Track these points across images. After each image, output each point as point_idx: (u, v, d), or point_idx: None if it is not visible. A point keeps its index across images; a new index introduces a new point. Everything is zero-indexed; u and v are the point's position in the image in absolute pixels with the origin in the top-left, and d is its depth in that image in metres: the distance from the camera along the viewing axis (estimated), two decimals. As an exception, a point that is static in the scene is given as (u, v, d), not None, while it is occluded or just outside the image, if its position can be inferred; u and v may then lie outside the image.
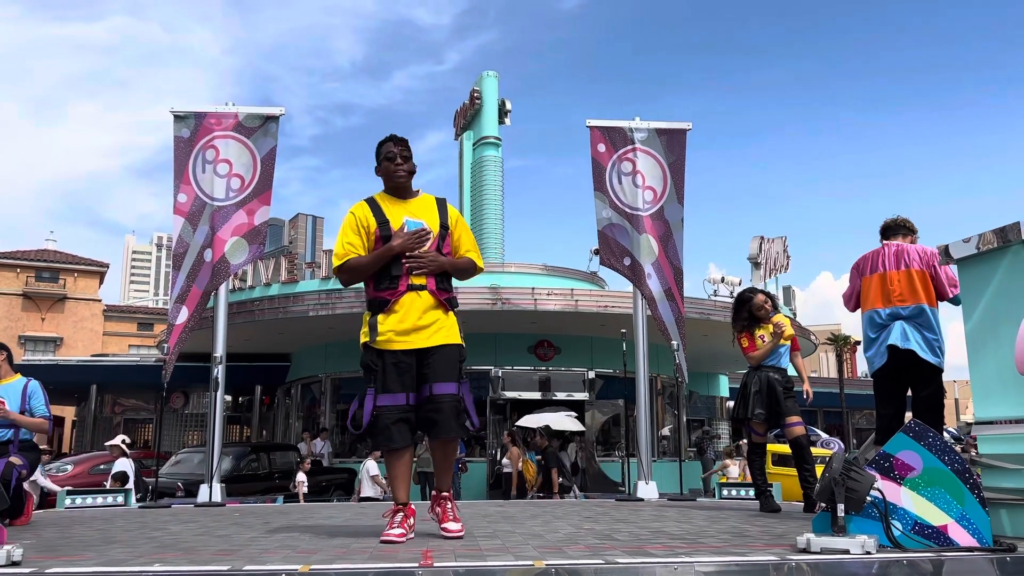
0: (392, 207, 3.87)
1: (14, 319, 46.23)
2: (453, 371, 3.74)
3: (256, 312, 17.24)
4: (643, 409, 8.26)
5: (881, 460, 3.26)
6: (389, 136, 3.97)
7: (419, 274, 3.76)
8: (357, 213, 3.87)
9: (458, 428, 3.72)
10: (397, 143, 3.92)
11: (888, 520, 3.13)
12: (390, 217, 3.82)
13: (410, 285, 3.75)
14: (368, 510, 6.30)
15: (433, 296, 3.78)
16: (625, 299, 14.14)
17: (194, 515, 5.84)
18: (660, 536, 3.92)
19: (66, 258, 49.25)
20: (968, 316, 3.63)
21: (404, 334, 3.72)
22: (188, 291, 7.61)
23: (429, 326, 3.75)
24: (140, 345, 48.61)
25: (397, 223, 3.80)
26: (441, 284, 3.83)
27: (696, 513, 5.57)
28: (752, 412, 5.89)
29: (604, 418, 19.43)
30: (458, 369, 3.78)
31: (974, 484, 3.15)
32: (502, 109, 24.96)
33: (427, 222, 3.84)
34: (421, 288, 3.76)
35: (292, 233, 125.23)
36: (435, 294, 3.78)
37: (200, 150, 7.87)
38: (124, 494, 7.46)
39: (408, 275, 3.75)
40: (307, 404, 21.02)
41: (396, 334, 3.72)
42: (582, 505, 7.03)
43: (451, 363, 3.75)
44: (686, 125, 8.65)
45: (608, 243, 8.23)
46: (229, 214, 7.73)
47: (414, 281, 3.75)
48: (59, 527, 4.83)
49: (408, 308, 3.74)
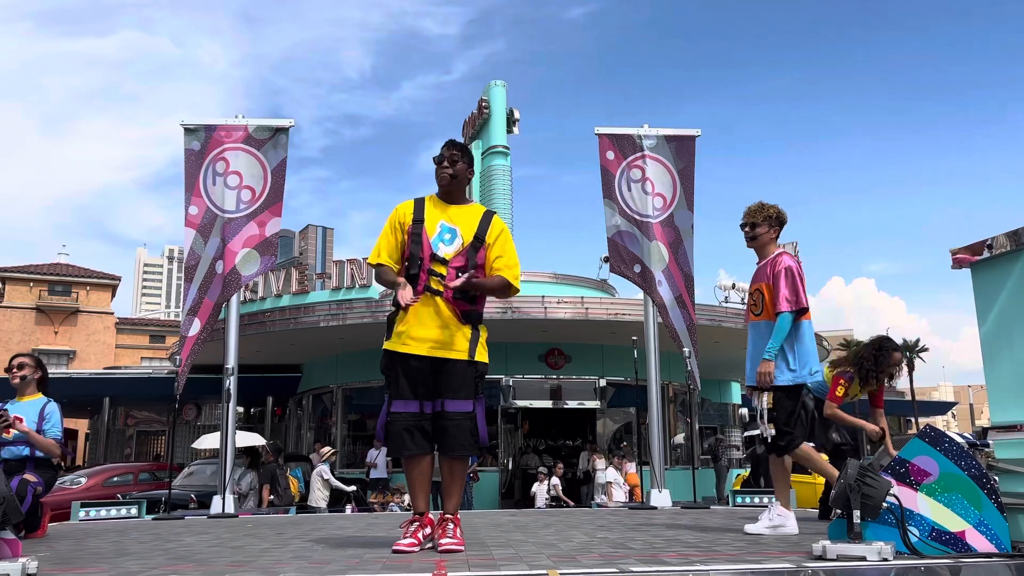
0: (433, 209, 3.86)
1: (28, 333, 46.54)
2: (467, 388, 3.69)
3: (267, 323, 17.28)
4: (655, 417, 8.23)
5: (897, 466, 3.24)
6: (448, 140, 3.95)
7: (442, 275, 3.70)
8: (399, 210, 3.91)
9: (468, 447, 3.67)
10: (450, 147, 3.90)
11: (905, 526, 3.11)
12: (427, 217, 3.81)
13: (427, 287, 3.71)
14: (381, 521, 6.30)
15: (448, 305, 3.71)
16: (636, 306, 14.11)
17: (207, 527, 5.85)
18: (674, 544, 3.90)
19: (78, 272, 49.59)
20: (982, 320, 3.60)
21: (416, 339, 3.69)
22: (200, 303, 7.64)
23: (444, 338, 3.69)
24: (152, 357, 48.82)
25: (432, 226, 3.79)
26: (462, 295, 3.73)
27: (710, 521, 5.54)
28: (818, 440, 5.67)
29: (616, 426, 19.36)
30: (474, 386, 3.71)
31: (991, 489, 3.12)
32: (510, 118, 24.98)
33: (461, 229, 3.79)
34: (437, 293, 3.71)
35: (302, 244, 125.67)
36: (450, 303, 3.71)
37: (211, 162, 7.91)
38: (137, 506, 7.49)
39: (428, 276, 3.72)
40: (319, 415, 21.04)
41: (409, 336, 3.70)
42: (595, 514, 7.00)
43: (466, 380, 3.69)
44: (695, 132, 8.64)
45: (618, 250, 8.22)
46: (240, 226, 7.77)
47: (433, 285, 3.71)
48: (73, 539, 4.84)
49: (422, 312, 3.70)
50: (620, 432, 19.49)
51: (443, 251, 3.75)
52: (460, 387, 3.68)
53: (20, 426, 5.08)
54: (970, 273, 3.80)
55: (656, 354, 8.24)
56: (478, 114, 25.48)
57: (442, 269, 3.72)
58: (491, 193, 24.34)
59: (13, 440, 5.13)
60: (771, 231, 4.72)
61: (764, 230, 4.72)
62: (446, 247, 3.76)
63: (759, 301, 4.68)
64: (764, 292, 4.64)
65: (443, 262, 3.73)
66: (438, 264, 3.73)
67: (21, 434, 5.10)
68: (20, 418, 5.13)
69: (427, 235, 3.77)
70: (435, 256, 3.74)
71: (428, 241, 3.76)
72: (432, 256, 3.73)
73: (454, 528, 3.66)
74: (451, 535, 3.62)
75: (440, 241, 3.77)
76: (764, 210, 4.72)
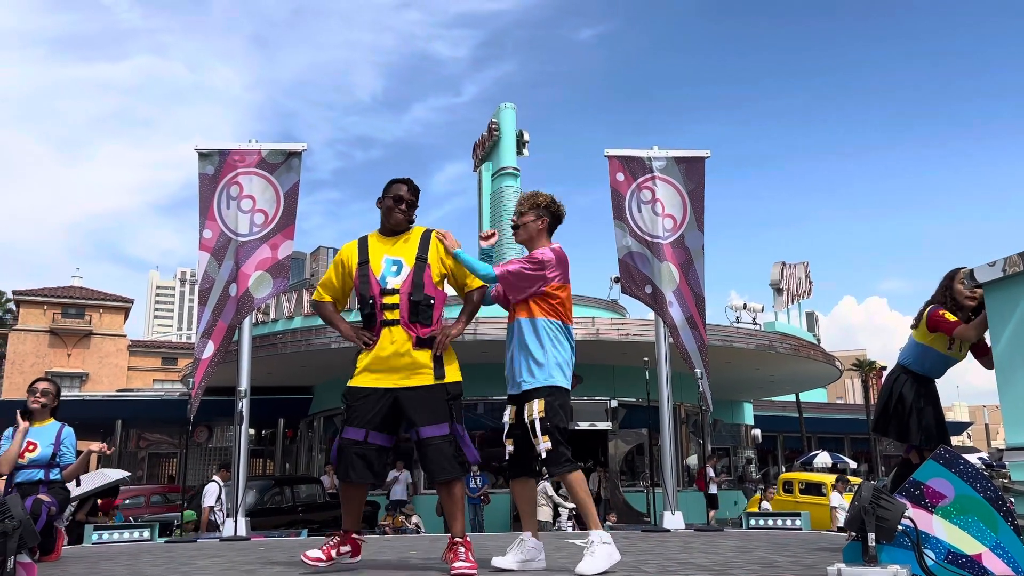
0: (378, 245, 3.94)
1: (41, 355, 46.83)
2: (440, 412, 3.68)
3: (279, 345, 17.35)
4: (667, 438, 8.20)
5: (911, 488, 3.22)
6: (407, 179, 4.03)
7: (394, 304, 3.75)
8: (343, 252, 4.02)
9: (453, 469, 3.66)
10: (412, 191, 3.99)
11: (921, 549, 3.08)
12: (371, 256, 3.89)
13: (383, 321, 3.77)
14: (394, 543, 6.28)
15: (405, 330, 3.74)
16: (646, 327, 14.10)
17: (220, 549, 5.85)
18: (687, 567, 3.88)
19: (92, 295, 49.95)
20: (996, 340, 3.59)
21: (375, 372, 3.76)
22: (214, 326, 7.69)
23: (404, 366, 3.72)
24: (164, 379, 49.01)
25: (377, 263, 3.86)
26: (416, 318, 3.75)
27: (724, 544, 5.50)
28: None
29: (628, 447, 19.27)
30: (447, 408, 3.70)
31: (1008, 512, 3.09)
32: (520, 140, 25.14)
33: (404, 258, 3.86)
34: (394, 323, 3.75)
35: (313, 266, 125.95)
36: (407, 327, 3.74)
37: (224, 186, 7.99)
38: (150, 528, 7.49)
39: (381, 311, 3.77)
40: (330, 436, 21.05)
41: (368, 372, 3.77)
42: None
43: (436, 404, 3.69)
44: (705, 153, 8.67)
45: (629, 271, 8.23)
46: (253, 249, 7.83)
47: (388, 316, 3.76)
48: (87, 563, 4.85)
49: (383, 346, 3.75)
50: (632, 454, 19.40)
51: (392, 283, 3.81)
52: (432, 411, 3.68)
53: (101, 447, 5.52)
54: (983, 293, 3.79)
55: (668, 375, 8.22)
56: (488, 136, 25.64)
57: (394, 299, 3.78)
58: (501, 214, 24.41)
59: (28, 464, 5.17)
60: (539, 220, 4.05)
61: (531, 218, 4.06)
62: (394, 279, 3.83)
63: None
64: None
65: (393, 292, 3.79)
66: (389, 295, 3.79)
67: (36, 458, 5.15)
68: (35, 443, 5.17)
69: (373, 274, 3.84)
70: (384, 290, 3.80)
71: (375, 279, 3.82)
72: (382, 291, 3.80)
73: (466, 552, 3.64)
74: (463, 558, 3.61)
75: (388, 275, 3.84)
76: (533, 198, 4.13)
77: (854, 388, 60.60)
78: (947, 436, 4.72)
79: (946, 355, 4.69)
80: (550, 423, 3.67)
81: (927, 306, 4.72)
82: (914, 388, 4.71)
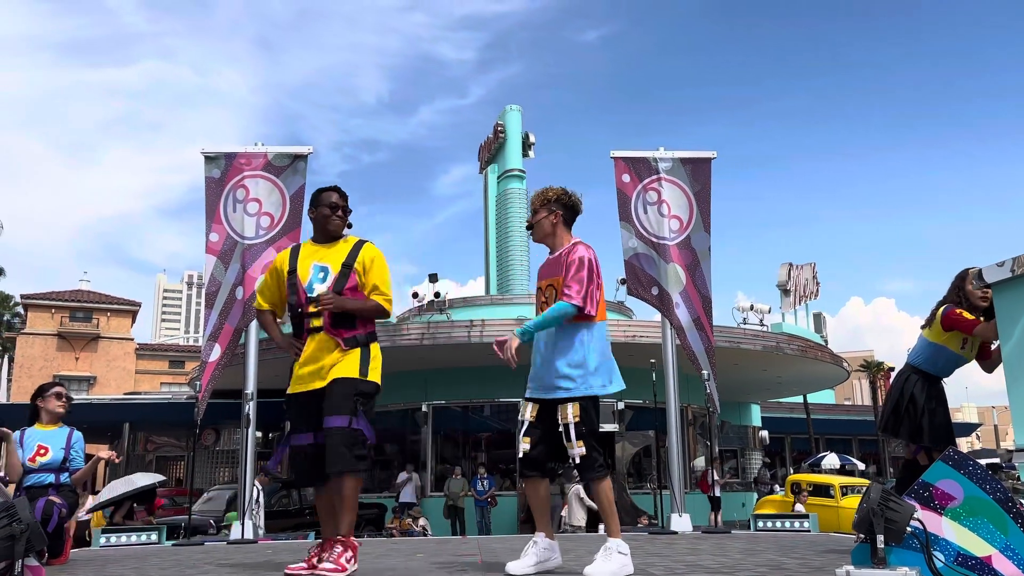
0: (308, 253, 3.94)
1: (49, 359, 46.98)
2: (344, 404, 3.61)
3: (285, 348, 17.33)
4: (675, 440, 8.18)
5: (920, 490, 3.20)
6: (334, 187, 4.03)
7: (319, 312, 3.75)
8: (278, 259, 4.05)
9: (347, 462, 3.51)
10: (342, 196, 4.00)
11: (930, 551, 3.06)
12: (300, 265, 3.89)
13: (309, 329, 3.79)
14: (400, 545, 6.28)
15: (329, 335, 3.74)
16: (653, 328, 14.06)
17: (227, 553, 5.86)
18: (695, 570, 3.86)
19: (99, 298, 50.10)
20: (1005, 340, 3.57)
21: (302, 379, 3.77)
22: (221, 329, 7.71)
23: (324, 367, 3.72)
24: (171, 383, 49.12)
25: (305, 270, 3.86)
26: (339, 324, 3.75)
27: (731, 546, 5.48)
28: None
29: (635, 449, 19.23)
30: (352, 402, 3.62)
31: (1017, 513, 3.07)
32: (526, 142, 25.12)
33: (331, 265, 3.85)
34: (319, 330, 3.76)
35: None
36: (331, 332, 3.74)
37: (231, 190, 8.01)
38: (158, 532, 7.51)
39: (307, 319, 3.79)
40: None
41: (298, 379, 3.80)
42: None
43: (342, 396, 3.63)
44: (711, 154, 8.66)
45: (635, 272, 8.22)
46: (259, 252, 7.84)
47: (313, 324, 3.77)
48: (95, 566, 4.86)
49: (310, 351, 3.77)
50: (639, 456, 19.36)
51: (318, 290, 3.81)
52: (338, 404, 3.61)
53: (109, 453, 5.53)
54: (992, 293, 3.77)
55: (675, 376, 8.20)
56: (494, 138, 25.63)
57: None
58: (507, 216, 24.41)
59: (40, 468, 5.19)
60: (551, 215, 3.97)
61: (543, 215, 3.97)
62: (321, 285, 3.82)
63: (552, 299, 3.87)
64: (557, 289, 3.87)
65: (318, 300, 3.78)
66: (314, 304, 3.78)
67: (47, 462, 5.18)
68: (46, 447, 5.19)
69: (300, 282, 3.84)
70: (311, 298, 3.80)
71: (302, 287, 3.83)
72: (308, 299, 3.80)
73: (340, 552, 3.50)
74: (330, 559, 3.46)
75: (315, 282, 3.83)
76: (543, 194, 4.03)
77: (862, 389, 60.39)
78: (953, 437, 4.71)
79: (958, 355, 4.68)
80: (585, 428, 3.63)
81: (939, 306, 4.71)
82: (925, 389, 4.70)
